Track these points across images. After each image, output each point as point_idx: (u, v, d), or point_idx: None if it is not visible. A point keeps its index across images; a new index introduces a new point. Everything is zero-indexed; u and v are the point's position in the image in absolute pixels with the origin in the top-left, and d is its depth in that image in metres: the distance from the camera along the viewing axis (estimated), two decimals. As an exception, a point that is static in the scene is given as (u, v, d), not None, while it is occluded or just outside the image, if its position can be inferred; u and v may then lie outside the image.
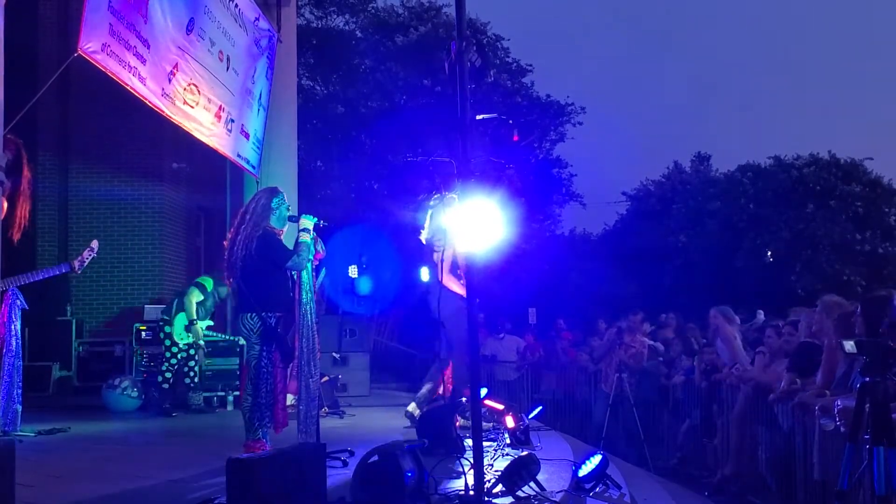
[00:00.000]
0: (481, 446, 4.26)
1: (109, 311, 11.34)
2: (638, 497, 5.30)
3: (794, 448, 5.85)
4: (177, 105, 6.88)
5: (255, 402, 5.13)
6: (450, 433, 5.82)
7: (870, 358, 3.70)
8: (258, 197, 5.45)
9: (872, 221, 24.36)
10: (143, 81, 6.19)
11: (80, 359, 10.03)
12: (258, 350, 5.17)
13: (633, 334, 9.62)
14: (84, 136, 11.45)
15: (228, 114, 8.20)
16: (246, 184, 9.79)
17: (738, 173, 26.53)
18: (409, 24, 22.60)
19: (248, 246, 5.18)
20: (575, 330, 13.51)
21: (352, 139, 21.18)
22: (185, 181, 12.16)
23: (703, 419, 8.01)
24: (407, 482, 4.17)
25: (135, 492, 4.72)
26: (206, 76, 7.56)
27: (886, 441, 3.56)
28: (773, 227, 24.06)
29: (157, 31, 6.44)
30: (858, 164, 25.67)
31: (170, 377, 8.49)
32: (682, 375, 8.55)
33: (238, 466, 3.65)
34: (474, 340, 4.66)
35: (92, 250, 6.83)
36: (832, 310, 5.51)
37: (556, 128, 25.24)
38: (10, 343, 6.53)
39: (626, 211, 30.71)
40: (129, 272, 11.46)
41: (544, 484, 4.72)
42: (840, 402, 4.40)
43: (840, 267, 23.28)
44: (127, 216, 11.49)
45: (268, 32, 9.26)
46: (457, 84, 4.38)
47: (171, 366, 8.49)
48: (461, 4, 4.42)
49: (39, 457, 5.58)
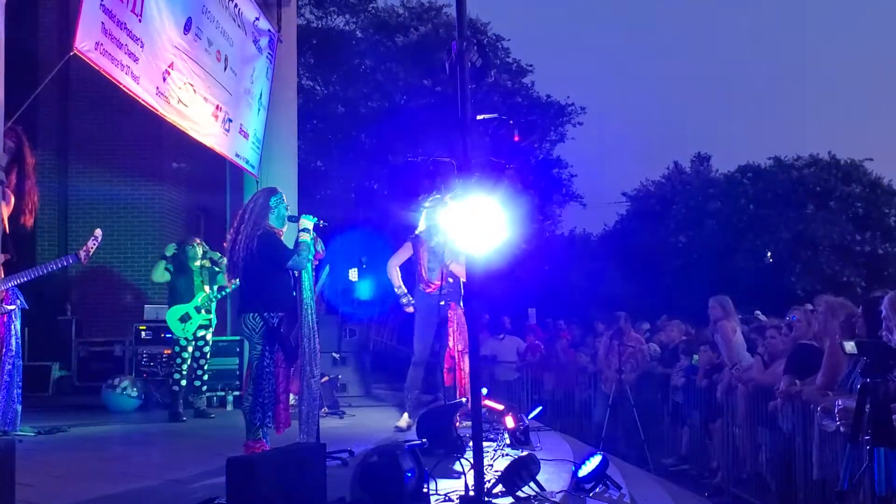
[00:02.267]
0: (481, 446, 4.26)
1: (109, 311, 11.32)
2: (638, 497, 5.30)
3: (794, 448, 5.85)
4: (171, 104, 6.86)
5: (256, 402, 5.13)
6: (450, 433, 5.82)
7: (870, 359, 3.70)
8: (256, 197, 5.46)
9: (872, 222, 24.39)
10: (137, 80, 6.18)
11: (80, 359, 10.01)
12: (260, 350, 5.17)
13: (627, 334, 9.62)
14: (84, 136, 11.45)
15: (226, 113, 8.19)
16: (246, 184, 9.78)
17: (738, 174, 26.57)
18: (410, 25, 22.61)
19: (248, 246, 5.19)
20: (575, 330, 13.51)
21: (352, 139, 21.19)
22: (185, 181, 12.16)
23: (702, 420, 8.01)
24: (407, 482, 4.16)
25: (135, 492, 4.72)
26: (203, 76, 7.54)
27: (887, 442, 3.56)
28: (772, 228, 24.08)
29: (153, 30, 6.43)
30: (858, 165, 25.71)
31: (179, 378, 8.14)
32: (682, 376, 8.54)
33: (238, 466, 3.65)
34: (474, 341, 4.66)
35: (96, 239, 6.76)
36: (837, 311, 5.50)
37: (556, 128, 25.26)
38: (10, 343, 6.52)
39: (626, 211, 30.75)
40: (129, 272, 11.45)
41: (544, 484, 4.72)
42: (840, 403, 4.40)
43: (840, 268, 23.31)
44: (127, 216, 11.48)
45: (268, 32, 9.26)
46: (457, 84, 4.38)
47: (178, 368, 8.16)
48: (461, 4, 4.42)
49: (39, 457, 5.57)
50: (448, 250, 6.92)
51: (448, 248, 6.92)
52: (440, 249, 6.94)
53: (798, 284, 22.78)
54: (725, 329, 7.45)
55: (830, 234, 23.50)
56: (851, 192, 24.70)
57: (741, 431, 6.96)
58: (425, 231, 7.11)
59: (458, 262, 6.84)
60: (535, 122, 23.58)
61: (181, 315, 8.14)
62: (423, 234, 7.13)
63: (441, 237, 6.97)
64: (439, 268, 6.94)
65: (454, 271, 6.94)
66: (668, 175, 31.29)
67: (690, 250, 25.50)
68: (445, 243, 6.94)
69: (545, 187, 24.30)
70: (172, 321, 8.13)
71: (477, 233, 4.57)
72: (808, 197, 24.68)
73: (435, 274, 6.96)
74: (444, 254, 6.91)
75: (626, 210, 30.84)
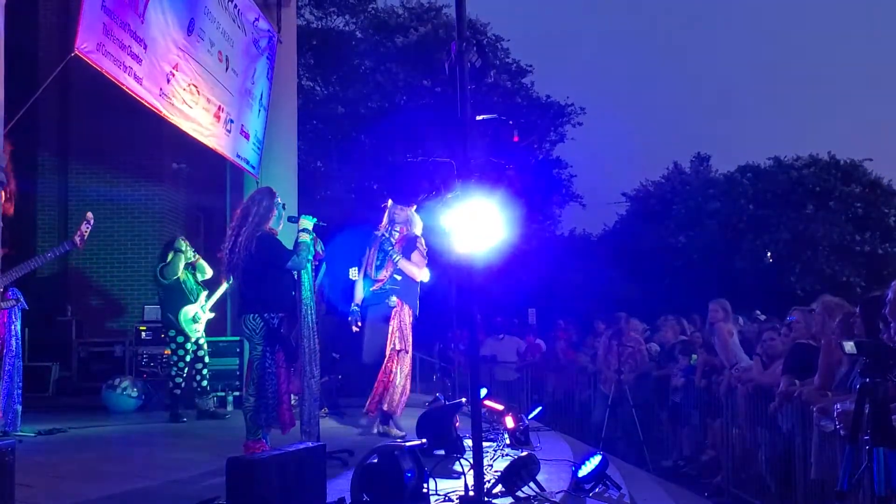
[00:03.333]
0: (481, 446, 4.27)
1: (109, 312, 11.34)
2: (637, 497, 5.31)
3: (793, 449, 5.85)
4: (175, 105, 6.87)
5: (258, 403, 5.13)
6: (450, 433, 5.83)
7: (869, 359, 3.70)
8: (259, 198, 5.45)
9: (872, 222, 24.40)
10: (140, 81, 6.19)
11: (80, 359, 10.02)
12: (261, 351, 5.17)
13: (626, 335, 9.62)
14: (84, 137, 11.45)
15: (228, 114, 8.20)
16: (246, 184, 9.78)
17: (738, 174, 26.58)
18: (409, 25, 22.62)
19: (248, 247, 5.19)
20: (575, 331, 13.50)
21: (352, 140, 21.19)
22: (185, 181, 12.17)
23: (702, 420, 8.01)
24: (407, 482, 4.17)
25: (135, 492, 4.72)
26: (206, 76, 7.56)
27: (886, 442, 3.56)
28: (772, 228, 24.10)
29: (156, 31, 6.44)
30: (858, 165, 25.73)
31: (180, 381, 8.11)
32: (682, 377, 8.55)
33: (238, 466, 3.66)
34: (473, 341, 4.67)
35: (88, 223, 6.63)
36: (835, 311, 5.51)
37: (555, 128, 25.26)
38: (10, 343, 6.54)
39: (626, 211, 30.74)
40: (129, 272, 11.46)
41: (544, 484, 4.73)
42: (839, 407, 4.40)
43: (840, 268, 23.32)
44: (127, 216, 11.49)
45: (268, 33, 9.27)
46: (457, 84, 4.38)
47: (179, 370, 8.13)
48: (461, 5, 4.43)
49: (39, 457, 5.58)
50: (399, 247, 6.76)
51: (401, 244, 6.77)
52: (388, 246, 6.77)
53: (798, 284, 22.80)
54: (721, 331, 7.46)
55: (830, 234, 23.50)
56: (851, 192, 24.71)
57: (741, 432, 6.96)
58: (385, 228, 6.92)
59: (410, 260, 6.70)
60: (534, 123, 23.58)
61: (194, 314, 8.12)
62: (384, 230, 6.91)
63: (396, 234, 6.84)
64: (388, 264, 6.75)
65: (404, 269, 6.71)
66: (667, 175, 31.28)
67: (690, 250, 25.51)
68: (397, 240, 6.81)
69: (545, 188, 24.31)
70: (186, 321, 8.07)
71: (476, 233, 4.57)
72: (808, 197, 24.69)
73: (381, 271, 6.78)
74: (392, 250, 6.74)
75: (625, 210, 30.85)
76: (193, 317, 8.10)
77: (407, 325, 6.64)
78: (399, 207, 6.97)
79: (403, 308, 6.67)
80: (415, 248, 6.77)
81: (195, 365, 8.26)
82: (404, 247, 6.78)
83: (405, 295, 6.70)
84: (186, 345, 8.15)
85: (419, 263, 6.75)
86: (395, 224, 6.89)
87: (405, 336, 6.60)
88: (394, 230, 6.87)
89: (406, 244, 6.80)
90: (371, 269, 6.84)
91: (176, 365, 8.18)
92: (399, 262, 6.71)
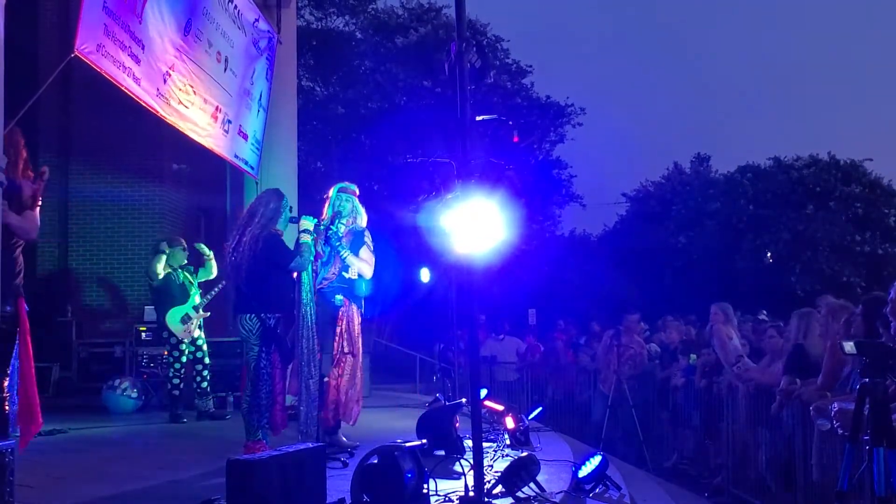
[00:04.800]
0: (481, 447, 4.27)
1: (109, 312, 11.33)
2: (637, 498, 5.30)
3: (793, 449, 5.85)
4: (172, 105, 6.87)
5: (253, 403, 5.13)
6: (450, 434, 5.83)
7: (870, 359, 3.70)
8: (267, 200, 5.46)
9: (872, 222, 24.39)
10: (138, 82, 6.19)
11: (80, 360, 10.01)
12: (257, 351, 5.18)
13: (630, 335, 9.62)
14: (84, 137, 11.44)
15: (225, 115, 8.19)
16: (246, 185, 9.79)
17: (738, 174, 26.57)
18: (409, 26, 22.62)
19: (254, 247, 5.20)
20: (574, 331, 13.51)
21: (352, 140, 21.19)
22: (185, 182, 12.15)
23: (702, 420, 8.01)
24: (407, 483, 4.17)
25: (135, 492, 4.73)
26: (203, 77, 7.55)
27: (886, 442, 3.56)
28: (772, 228, 24.09)
29: (153, 31, 6.44)
30: (858, 166, 25.72)
31: (178, 382, 8.11)
32: (682, 377, 8.55)
33: (238, 467, 3.66)
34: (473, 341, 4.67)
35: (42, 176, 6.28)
36: (838, 313, 5.51)
37: (555, 129, 25.26)
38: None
39: (626, 212, 30.75)
40: (129, 273, 11.44)
41: (544, 485, 4.73)
42: (836, 404, 4.41)
43: (840, 268, 23.31)
44: (127, 217, 11.47)
45: (267, 34, 9.26)
46: (457, 85, 4.39)
47: (176, 371, 8.13)
48: (461, 5, 4.43)
49: (39, 457, 5.57)
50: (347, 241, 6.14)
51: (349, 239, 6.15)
52: (335, 241, 6.10)
53: (798, 285, 22.79)
54: (720, 333, 7.47)
55: (830, 234, 23.50)
56: (851, 192, 24.70)
57: (741, 431, 6.96)
58: (327, 219, 6.21)
59: (359, 257, 6.11)
60: (534, 123, 23.59)
61: (182, 316, 8.13)
62: (324, 222, 6.18)
63: (342, 227, 6.17)
64: (336, 260, 6.10)
65: (353, 266, 6.09)
66: (667, 175, 31.30)
67: (690, 251, 25.50)
68: (343, 233, 6.17)
69: (545, 188, 24.31)
70: (174, 323, 8.09)
71: (476, 234, 4.57)
72: (808, 197, 24.68)
73: (328, 268, 6.10)
74: (340, 245, 6.09)
75: (625, 211, 30.87)
76: (181, 318, 8.10)
77: (356, 327, 6.09)
78: (345, 197, 6.31)
79: (351, 308, 6.09)
80: (363, 244, 6.18)
81: (195, 366, 8.26)
82: (352, 241, 6.16)
83: (353, 294, 6.11)
84: (181, 346, 8.16)
85: (368, 260, 6.16)
86: (343, 217, 6.20)
87: (353, 339, 6.04)
88: (340, 222, 6.18)
89: (354, 238, 6.19)
90: (317, 265, 6.04)
91: (172, 366, 8.20)
92: (347, 259, 6.07)
